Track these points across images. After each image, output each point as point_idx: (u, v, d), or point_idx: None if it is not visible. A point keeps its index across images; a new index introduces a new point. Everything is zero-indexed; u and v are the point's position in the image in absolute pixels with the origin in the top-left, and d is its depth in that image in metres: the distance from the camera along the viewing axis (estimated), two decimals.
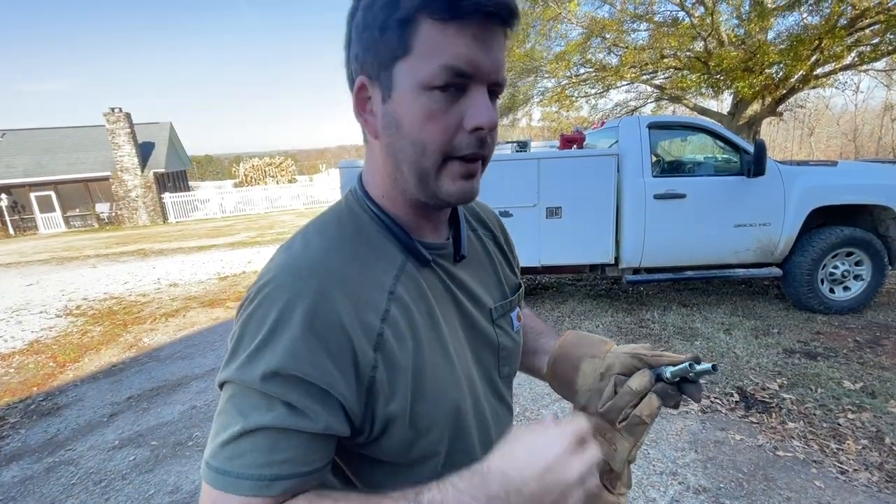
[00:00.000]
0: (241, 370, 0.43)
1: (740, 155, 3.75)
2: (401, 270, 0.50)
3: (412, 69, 0.42)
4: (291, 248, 0.48)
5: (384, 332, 0.46)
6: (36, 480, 2.41)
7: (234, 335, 0.45)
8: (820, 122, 21.45)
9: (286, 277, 0.45)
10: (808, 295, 3.77)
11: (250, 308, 0.45)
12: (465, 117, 0.44)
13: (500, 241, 0.69)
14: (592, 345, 0.63)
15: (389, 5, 0.41)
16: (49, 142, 20.48)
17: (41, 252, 12.32)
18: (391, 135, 0.46)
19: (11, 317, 5.71)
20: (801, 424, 2.38)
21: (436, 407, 0.49)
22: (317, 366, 0.42)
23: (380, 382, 0.45)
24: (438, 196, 0.47)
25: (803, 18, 8.38)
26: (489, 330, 0.59)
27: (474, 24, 0.41)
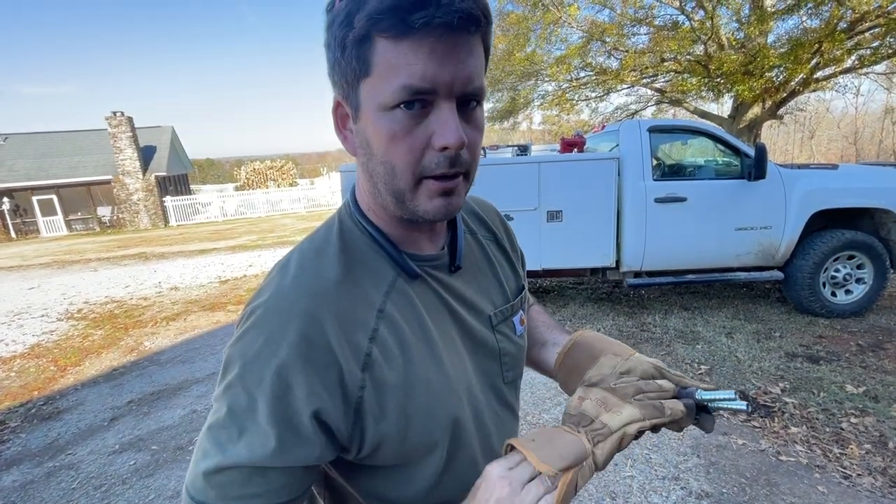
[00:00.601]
0: (225, 396, 0.44)
1: (741, 158, 3.75)
2: (391, 287, 0.50)
3: (373, 89, 0.41)
4: (286, 269, 0.49)
5: (372, 352, 0.46)
6: (36, 485, 2.40)
7: (226, 355, 0.46)
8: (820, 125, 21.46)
9: (277, 300, 0.45)
10: (810, 298, 3.76)
11: (241, 330, 0.45)
12: (432, 136, 0.42)
13: (501, 240, 0.68)
14: (614, 344, 0.62)
15: (345, 24, 0.40)
16: (51, 145, 20.56)
17: (43, 255, 12.34)
18: (364, 154, 0.46)
19: (13, 320, 5.71)
20: (803, 429, 2.37)
21: (430, 422, 0.49)
22: (302, 393, 0.42)
23: (368, 402, 0.45)
24: (417, 214, 0.46)
25: (803, 22, 8.40)
26: (489, 337, 0.58)
27: (429, 38, 0.39)
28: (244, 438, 0.42)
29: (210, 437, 0.43)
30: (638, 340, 3.65)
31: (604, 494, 2.02)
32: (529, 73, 11.50)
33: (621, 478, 2.12)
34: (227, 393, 0.43)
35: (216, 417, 0.44)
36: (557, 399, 2.86)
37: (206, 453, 0.43)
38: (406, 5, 0.37)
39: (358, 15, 0.39)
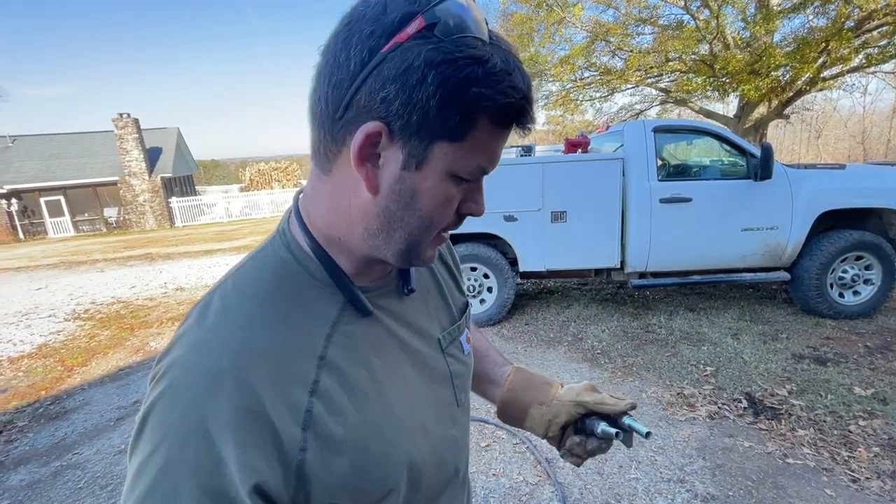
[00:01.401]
0: (140, 479, 0.37)
1: (747, 158, 3.72)
2: (334, 328, 0.46)
3: (454, 156, 0.41)
4: (204, 316, 0.43)
5: (314, 408, 0.42)
6: (43, 484, 2.42)
7: (137, 424, 0.40)
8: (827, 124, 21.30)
9: (196, 358, 0.40)
10: (817, 299, 3.73)
11: (155, 393, 0.39)
12: (462, 203, 0.46)
13: (445, 257, 0.66)
14: (539, 389, 0.68)
15: (463, 84, 0.37)
16: (58, 147, 20.76)
17: (50, 256, 12.45)
18: (398, 202, 0.42)
19: (21, 320, 5.76)
20: (811, 431, 2.35)
21: (385, 471, 0.46)
22: (236, 468, 0.37)
23: (312, 464, 0.41)
24: (412, 262, 0.47)
25: (809, 21, 8.34)
26: (440, 362, 0.57)
27: (511, 129, 0.42)
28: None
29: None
30: (643, 342, 3.63)
31: (609, 497, 2.01)
32: (533, 73, 11.48)
33: (626, 480, 2.11)
34: (141, 475, 0.37)
35: (136, 494, 0.36)
36: None
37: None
38: (521, 109, 0.40)
39: (480, 89, 0.38)
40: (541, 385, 0.68)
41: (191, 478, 0.36)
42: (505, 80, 0.38)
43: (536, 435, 0.68)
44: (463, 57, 0.37)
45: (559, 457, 0.73)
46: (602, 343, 3.66)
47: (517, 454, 2.38)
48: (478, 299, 4.15)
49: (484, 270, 4.05)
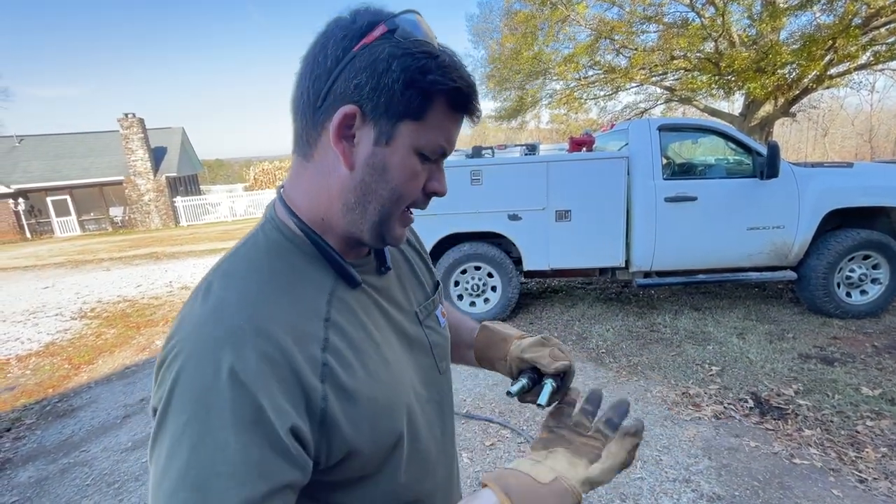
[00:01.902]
0: (181, 442, 0.38)
1: (753, 157, 3.70)
2: (332, 294, 0.51)
3: (417, 133, 0.47)
4: (210, 295, 0.45)
5: (328, 362, 0.46)
6: (51, 481, 2.45)
7: (162, 397, 0.40)
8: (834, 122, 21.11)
9: (211, 326, 0.42)
10: (824, 299, 3.70)
11: (172, 372, 0.40)
12: (427, 182, 0.52)
13: (413, 243, 0.73)
14: (496, 346, 0.75)
15: (420, 71, 0.45)
16: (64, 147, 20.91)
17: (57, 255, 12.55)
18: (371, 174, 0.48)
19: (28, 319, 5.82)
20: (817, 431, 2.33)
21: (392, 418, 0.51)
22: (274, 413, 0.40)
23: (332, 413, 0.44)
24: (382, 238, 0.52)
25: (816, 18, 8.27)
26: (419, 333, 0.62)
27: (461, 119, 0.51)
28: (224, 480, 0.37)
29: (180, 492, 0.37)
30: (648, 341, 3.62)
31: (614, 496, 2.01)
32: (537, 71, 11.45)
33: (631, 480, 2.10)
34: (180, 444, 0.38)
35: (175, 469, 0.37)
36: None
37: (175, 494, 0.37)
38: (471, 97, 0.49)
39: (434, 76, 0.45)
40: (498, 342, 0.74)
41: (235, 429, 0.38)
42: (454, 71, 0.46)
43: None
44: (419, 51, 0.45)
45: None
46: (607, 342, 3.65)
47: (521, 453, 2.38)
48: (482, 298, 4.15)
49: (488, 269, 4.05)
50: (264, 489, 0.38)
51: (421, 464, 0.57)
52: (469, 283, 4.08)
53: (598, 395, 0.63)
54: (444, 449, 0.64)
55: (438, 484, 0.62)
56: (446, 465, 0.65)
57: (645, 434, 2.44)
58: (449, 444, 0.67)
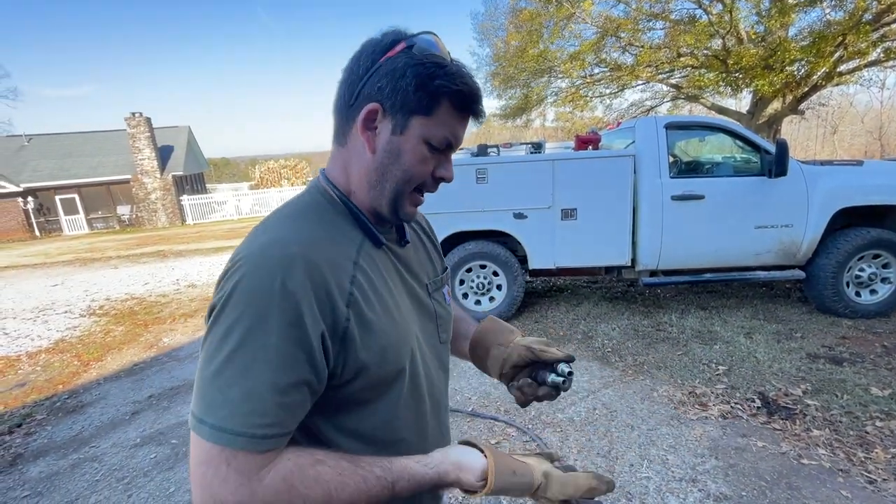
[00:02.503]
0: (234, 331, 0.49)
1: (761, 155, 3.67)
2: (360, 247, 0.62)
3: (425, 127, 0.59)
4: (267, 227, 0.58)
5: (353, 292, 0.56)
6: (61, 476, 2.48)
7: (222, 297, 0.51)
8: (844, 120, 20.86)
9: (270, 247, 0.53)
10: (833, 298, 3.67)
11: (238, 274, 0.51)
12: (436, 168, 0.63)
13: (429, 233, 0.85)
14: (502, 333, 0.83)
15: (429, 76, 0.56)
16: (73, 146, 21.10)
17: (66, 253, 12.68)
18: (389, 158, 0.60)
19: (38, 316, 5.88)
20: (826, 432, 2.31)
21: (398, 352, 0.60)
22: (310, 319, 0.50)
23: (352, 333, 0.55)
24: (396, 213, 0.63)
25: (826, 14, 8.17)
26: (428, 302, 0.73)
27: (467, 120, 0.62)
28: (261, 364, 0.48)
29: (226, 370, 0.48)
30: (654, 340, 3.60)
31: (620, 494, 2.00)
32: (542, 69, 11.41)
33: (637, 479, 2.09)
34: (230, 335, 0.48)
35: (226, 350, 0.48)
36: (572, 399, 2.84)
37: (226, 381, 0.48)
38: (470, 97, 0.59)
39: (440, 81, 0.56)
40: (505, 332, 0.83)
41: (279, 326, 0.49)
42: (458, 78, 0.57)
43: (492, 375, 0.83)
44: (430, 62, 0.57)
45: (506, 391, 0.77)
46: (612, 341, 3.64)
47: (527, 452, 2.37)
48: (487, 297, 4.15)
49: (493, 268, 4.04)
50: (290, 380, 0.50)
51: (417, 406, 0.66)
52: (474, 281, 4.08)
53: None
54: (437, 412, 0.71)
55: (430, 442, 0.68)
56: (437, 429, 0.72)
57: (651, 433, 2.43)
58: (443, 413, 0.75)
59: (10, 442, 2.87)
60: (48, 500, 2.29)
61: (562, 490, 0.61)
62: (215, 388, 0.48)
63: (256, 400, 0.47)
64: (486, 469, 0.59)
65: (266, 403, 0.48)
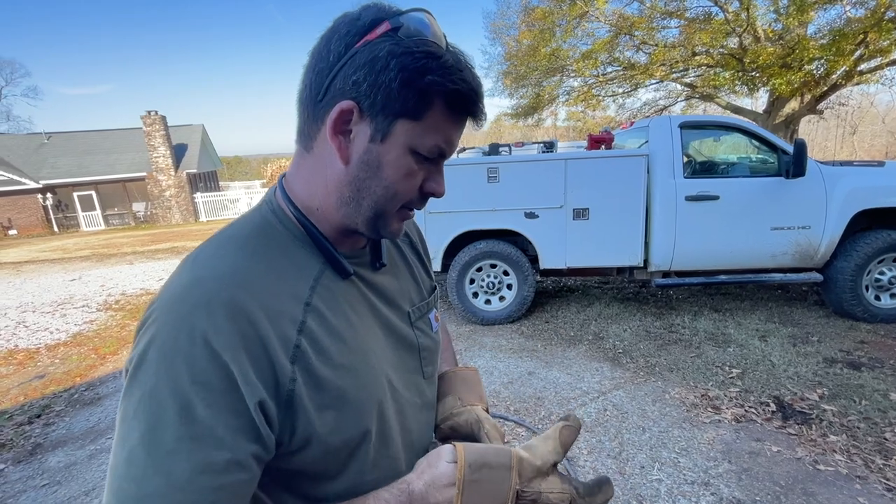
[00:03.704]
0: (146, 407, 0.39)
1: (778, 155, 3.60)
2: (316, 281, 0.50)
3: (413, 132, 0.47)
4: (197, 262, 0.46)
5: (301, 344, 0.46)
6: (79, 466, 2.53)
7: (133, 362, 0.41)
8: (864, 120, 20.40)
9: (195, 291, 0.42)
10: (852, 302, 3.59)
11: (153, 329, 0.41)
12: (425, 182, 0.51)
13: (415, 244, 0.72)
14: (471, 391, 0.74)
15: (419, 71, 0.44)
16: (90, 144, 21.52)
17: (83, 249, 12.94)
18: (366, 171, 0.48)
19: (56, 310, 6.02)
20: (843, 438, 2.27)
21: (361, 412, 0.50)
22: (243, 383, 0.40)
23: (299, 396, 0.44)
24: (380, 232, 0.52)
25: (846, 11, 7.99)
26: (409, 332, 0.61)
27: (463, 123, 0.49)
28: (188, 443, 0.38)
29: (141, 455, 0.38)
30: (666, 342, 3.56)
31: (630, 497, 1.99)
32: (554, 68, 11.34)
33: (648, 481, 2.08)
34: (143, 406, 0.39)
35: (140, 430, 0.38)
36: (582, 399, 2.82)
37: (140, 473, 0.37)
38: (469, 97, 0.47)
39: (433, 77, 0.44)
40: (474, 392, 0.75)
41: (204, 395, 0.39)
42: (455, 73, 0.45)
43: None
44: (420, 51, 0.44)
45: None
46: (624, 342, 3.61)
47: None
48: (497, 296, 4.14)
49: (504, 267, 4.04)
50: (228, 456, 0.39)
51: (390, 463, 0.55)
52: (484, 280, 4.07)
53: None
54: (420, 454, 0.61)
55: None
56: None
57: (663, 436, 2.41)
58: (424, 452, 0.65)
59: (31, 432, 2.95)
60: (66, 489, 2.34)
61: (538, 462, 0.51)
62: (130, 479, 0.37)
63: (187, 488, 0.37)
64: (455, 457, 0.49)
65: (200, 490, 0.38)
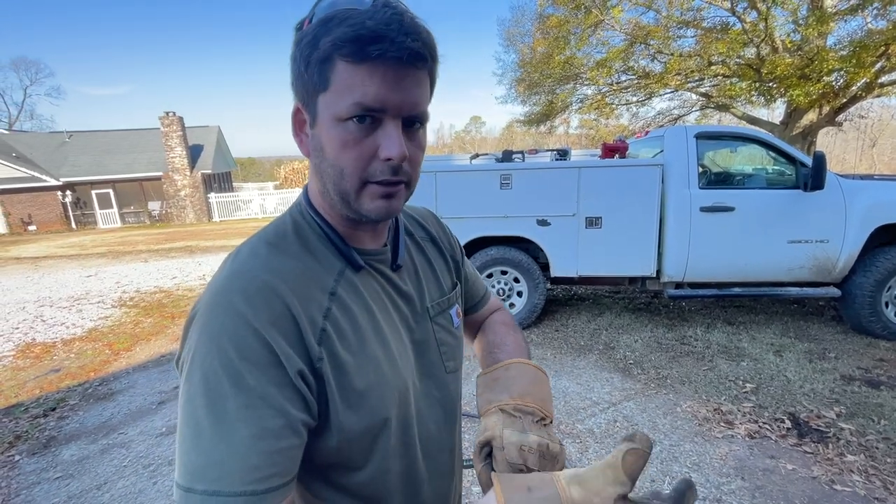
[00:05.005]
0: (202, 384, 0.43)
1: (796, 167, 3.55)
2: (340, 275, 0.54)
3: (330, 102, 0.47)
4: (238, 256, 0.51)
5: (327, 328, 0.49)
6: (92, 460, 2.57)
7: (187, 346, 0.45)
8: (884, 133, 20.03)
9: (236, 279, 0.47)
10: (871, 318, 3.52)
11: (204, 316, 0.45)
12: (378, 148, 0.47)
13: (437, 240, 0.72)
14: (504, 388, 0.62)
15: (311, 44, 0.46)
16: (110, 143, 21.98)
17: (99, 245, 13.19)
18: (317, 157, 0.51)
19: (73, 305, 6.13)
20: (861, 458, 2.21)
21: (381, 400, 0.52)
22: (284, 357, 0.44)
23: (326, 376, 0.48)
24: (360, 213, 0.51)
25: (867, 23, 7.88)
26: (428, 328, 0.63)
27: (383, 67, 0.45)
28: (245, 412, 0.42)
29: (206, 430, 0.41)
30: (678, 354, 3.52)
31: None
32: (568, 76, 11.32)
33: None
34: (207, 380, 0.42)
35: (205, 407, 0.42)
36: (592, 410, 2.79)
37: (207, 445, 0.41)
38: (367, 37, 0.43)
39: (324, 39, 0.45)
40: (504, 389, 0.63)
41: (255, 370, 0.43)
42: (346, 21, 0.44)
43: None
44: (314, 25, 0.46)
45: None
46: (635, 353, 3.57)
47: None
48: (507, 303, 4.13)
49: (514, 274, 4.02)
50: (280, 422, 0.43)
51: (409, 454, 0.57)
52: (495, 287, 4.06)
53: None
54: (435, 457, 0.61)
55: (424, 495, 0.59)
56: (436, 476, 0.61)
57: (674, 449, 2.37)
58: (446, 456, 0.63)
59: (45, 424, 3.00)
60: (78, 483, 2.38)
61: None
62: (198, 451, 0.41)
63: (248, 452, 0.41)
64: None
65: (260, 454, 0.41)
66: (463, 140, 54.75)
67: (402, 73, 0.46)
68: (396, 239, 0.62)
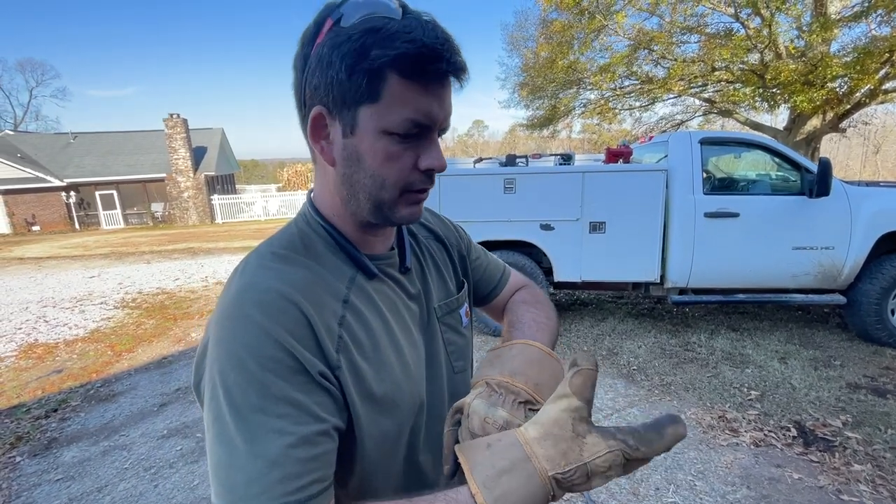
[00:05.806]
0: (230, 396, 0.42)
1: (801, 173, 3.54)
2: (351, 282, 0.54)
3: (377, 115, 0.46)
4: (246, 269, 0.50)
5: (343, 336, 0.49)
6: (93, 462, 2.56)
7: (211, 365, 0.45)
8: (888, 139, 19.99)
9: (247, 294, 0.46)
10: (877, 326, 3.49)
11: (221, 329, 0.45)
12: (419, 159, 0.49)
13: (441, 236, 0.72)
14: (503, 363, 0.58)
15: (360, 53, 0.44)
16: (114, 144, 22.10)
17: (103, 246, 13.23)
18: (350, 166, 0.50)
19: (76, 306, 6.14)
20: (868, 467, 2.19)
21: (399, 405, 0.53)
22: (306, 362, 0.44)
23: (345, 382, 0.48)
24: (391, 220, 0.52)
25: (871, 29, 7.88)
26: (435, 328, 0.63)
27: (435, 84, 0.47)
28: (278, 422, 0.42)
29: (240, 446, 0.41)
30: (682, 360, 3.49)
31: None
32: (571, 80, 11.35)
33: (663, 503, 2.03)
34: (233, 398, 0.42)
35: (235, 424, 0.41)
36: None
37: (244, 461, 0.41)
38: (427, 56, 0.44)
39: (376, 50, 0.44)
40: (502, 363, 0.59)
41: (282, 380, 0.43)
42: (400, 37, 0.43)
43: None
44: (358, 32, 0.44)
45: None
46: (638, 359, 3.55)
47: None
48: None
49: None
50: (314, 428, 0.43)
51: (416, 457, 0.58)
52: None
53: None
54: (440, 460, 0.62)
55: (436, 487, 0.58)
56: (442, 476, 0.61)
57: (678, 457, 2.35)
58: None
59: (47, 426, 3.00)
60: (79, 485, 2.37)
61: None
62: (236, 468, 0.41)
63: (286, 463, 0.41)
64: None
65: (297, 462, 0.41)
66: (465, 144, 54.86)
67: (447, 89, 0.48)
68: (401, 241, 0.63)
